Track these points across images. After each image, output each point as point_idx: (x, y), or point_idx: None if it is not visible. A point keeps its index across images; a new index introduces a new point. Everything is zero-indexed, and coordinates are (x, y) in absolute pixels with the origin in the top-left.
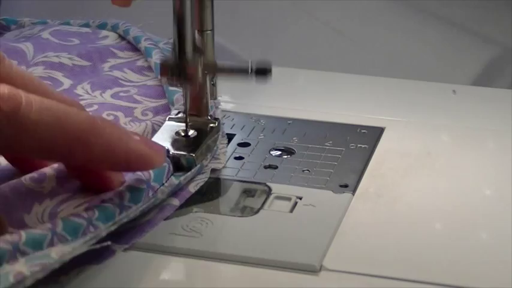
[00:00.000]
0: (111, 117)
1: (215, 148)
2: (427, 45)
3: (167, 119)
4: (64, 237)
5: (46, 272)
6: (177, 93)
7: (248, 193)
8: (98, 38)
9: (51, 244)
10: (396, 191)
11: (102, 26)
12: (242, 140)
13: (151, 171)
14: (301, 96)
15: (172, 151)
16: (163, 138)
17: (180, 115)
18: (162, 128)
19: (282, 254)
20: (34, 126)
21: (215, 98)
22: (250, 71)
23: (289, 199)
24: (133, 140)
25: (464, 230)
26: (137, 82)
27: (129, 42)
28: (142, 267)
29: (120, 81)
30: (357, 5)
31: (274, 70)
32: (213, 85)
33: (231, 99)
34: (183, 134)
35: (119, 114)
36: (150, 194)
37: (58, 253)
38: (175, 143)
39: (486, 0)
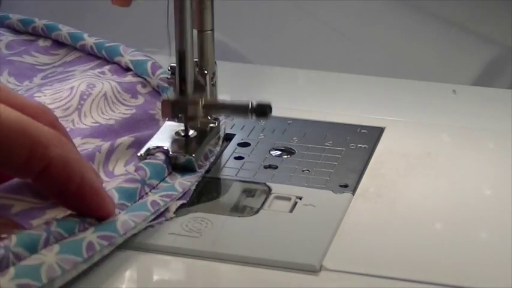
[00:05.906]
0: (66, 75)
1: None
2: (427, 45)
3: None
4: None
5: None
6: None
7: (248, 193)
8: None
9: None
10: (396, 191)
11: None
12: (242, 140)
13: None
14: (301, 96)
15: (172, 151)
16: (163, 138)
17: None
18: (161, 128)
19: (282, 254)
20: None
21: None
22: (250, 110)
23: (289, 199)
24: (91, 172)
25: (464, 230)
26: (54, 63)
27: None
28: (143, 267)
29: (38, 66)
30: (356, 5)
31: (274, 70)
32: (213, 85)
33: (230, 99)
34: (182, 134)
35: (70, 74)
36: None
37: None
38: (175, 143)
39: (486, 0)
